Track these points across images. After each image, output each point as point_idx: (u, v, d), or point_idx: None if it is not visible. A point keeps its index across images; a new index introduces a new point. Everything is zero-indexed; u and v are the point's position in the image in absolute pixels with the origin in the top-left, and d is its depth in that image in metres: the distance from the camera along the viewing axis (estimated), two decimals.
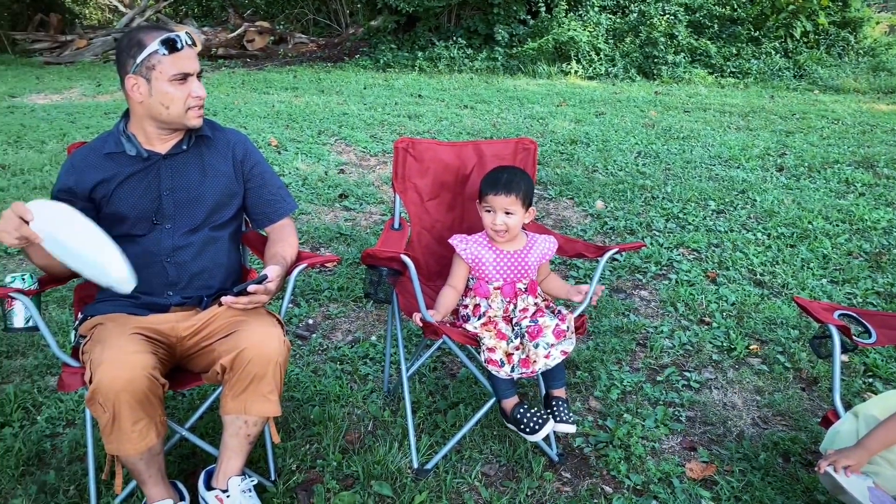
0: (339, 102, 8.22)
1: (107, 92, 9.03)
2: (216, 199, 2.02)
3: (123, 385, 1.62)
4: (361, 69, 11.35)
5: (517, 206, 2.10)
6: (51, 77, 10.58)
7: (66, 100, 8.51)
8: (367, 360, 2.79)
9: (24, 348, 2.81)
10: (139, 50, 1.81)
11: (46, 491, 2.05)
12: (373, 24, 12.57)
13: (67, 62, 12.70)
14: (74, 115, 7.29)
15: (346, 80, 10.06)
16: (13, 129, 6.47)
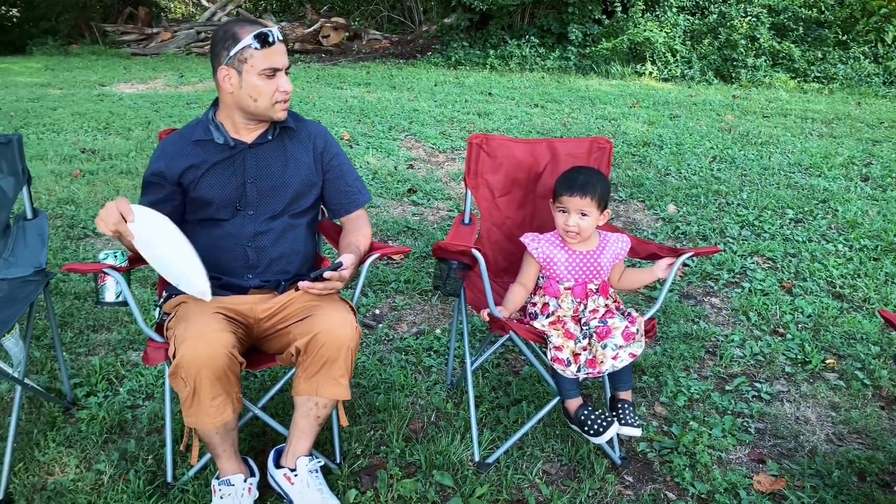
0: (410, 99, 8.30)
1: (188, 83, 9.38)
2: (296, 189, 2.08)
3: (205, 361, 1.70)
4: (433, 66, 11.43)
5: (592, 208, 2.09)
6: (137, 67, 11.07)
7: (150, 89, 8.88)
8: (432, 353, 2.83)
9: (109, 323, 2.96)
10: (233, 43, 1.88)
11: (127, 458, 2.16)
12: (446, 22, 12.64)
13: (153, 54, 13.26)
14: (158, 104, 7.61)
15: (418, 77, 10.15)
16: (102, 117, 6.80)
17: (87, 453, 2.18)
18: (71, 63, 11.62)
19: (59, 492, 2.02)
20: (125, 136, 6.06)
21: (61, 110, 7.08)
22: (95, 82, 9.26)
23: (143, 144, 5.75)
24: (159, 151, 2.05)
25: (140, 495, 2.00)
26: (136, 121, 6.63)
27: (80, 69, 10.72)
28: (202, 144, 2.02)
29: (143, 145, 5.72)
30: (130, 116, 6.83)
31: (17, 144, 2.19)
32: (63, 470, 2.11)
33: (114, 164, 5.16)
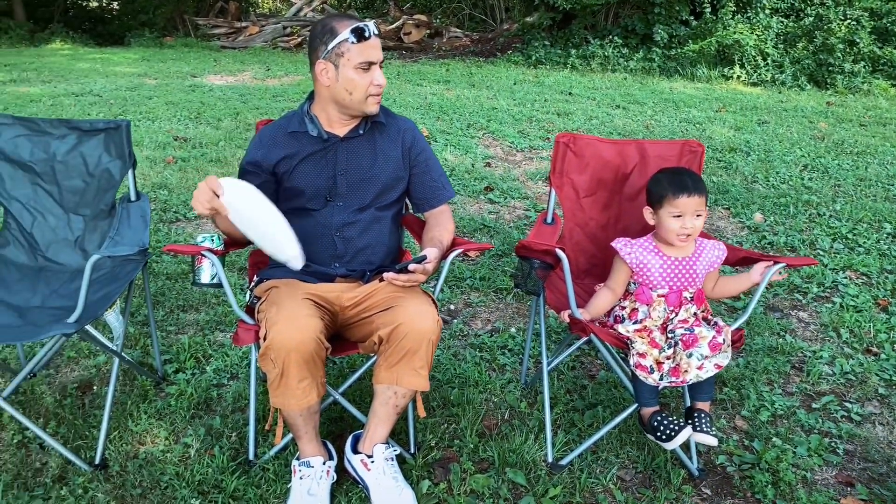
0: (489, 97, 8.30)
1: (275, 76, 9.67)
2: (384, 182, 2.12)
3: (294, 345, 1.75)
4: (512, 65, 11.39)
5: (704, 208, 2.04)
6: (226, 60, 11.48)
7: (238, 82, 9.20)
8: (506, 351, 2.83)
9: (198, 304, 3.09)
10: (331, 37, 1.93)
11: (212, 434, 2.25)
12: (528, 21, 12.57)
13: (241, 47, 13.73)
14: (246, 96, 7.88)
15: (497, 76, 10.14)
16: (194, 106, 7.09)
17: (176, 427, 2.29)
18: (165, 54, 12.16)
19: (149, 461, 2.13)
20: (215, 126, 6.30)
21: (156, 99, 7.42)
22: (188, 73, 9.66)
23: (231, 134, 5.97)
24: (256, 141, 2.13)
25: (224, 470, 2.08)
26: (226, 111, 6.89)
27: (174, 60, 11.20)
28: (297, 136, 2.08)
29: (231, 135, 5.94)
30: (220, 107, 7.10)
31: (126, 130, 2.31)
32: (153, 441, 2.22)
33: (204, 153, 5.37)
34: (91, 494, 1.99)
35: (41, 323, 2.06)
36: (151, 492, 2.01)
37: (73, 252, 2.41)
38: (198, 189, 1.80)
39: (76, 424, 2.28)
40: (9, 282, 2.30)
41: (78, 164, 2.36)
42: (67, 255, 2.41)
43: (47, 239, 2.40)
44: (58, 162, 2.36)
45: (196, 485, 2.03)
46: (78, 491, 1.99)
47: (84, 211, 2.40)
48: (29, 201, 2.39)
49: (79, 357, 2.67)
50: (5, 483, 2.01)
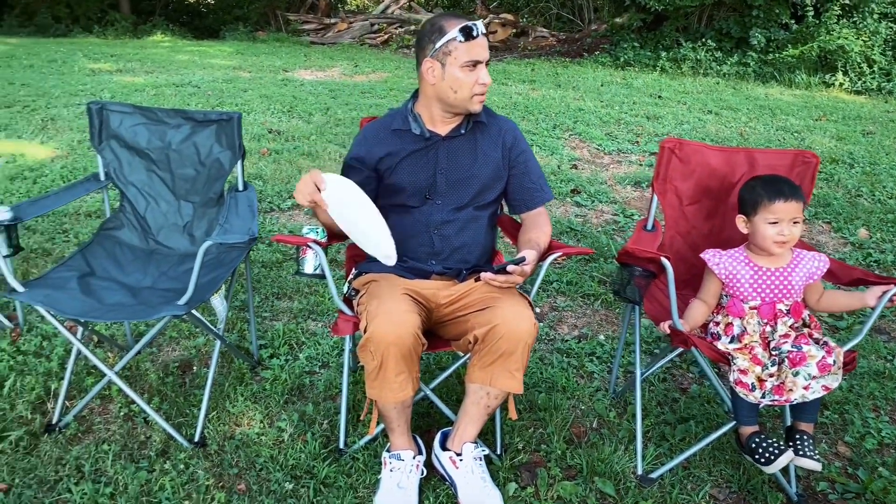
0: (576, 98, 8.20)
1: (362, 73, 9.84)
2: (483, 182, 2.12)
3: (394, 339, 1.78)
4: (599, 66, 11.20)
5: (801, 214, 1.96)
6: (316, 55, 11.77)
7: (328, 77, 9.41)
8: (594, 358, 2.78)
9: (291, 293, 3.18)
10: (439, 36, 1.94)
11: (305, 420, 2.32)
12: (617, 21, 12.34)
13: (329, 43, 14.05)
14: (335, 91, 8.05)
15: (584, 76, 10.00)
16: (286, 100, 7.30)
17: (270, 411, 2.36)
18: (258, 48, 12.56)
19: (245, 442, 2.20)
20: (306, 120, 6.46)
21: (250, 92, 7.68)
22: (280, 67, 9.95)
23: (322, 129, 6.11)
24: (360, 137, 2.16)
25: (316, 456, 2.14)
26: (316, 106, 7.06)
27: (266, 55, 11.56)
28: (400, 134, 2.11)
29: (322, 130, 6.08)
30: (311, 101, 7.28)
31: (237, 122, 2.40)
32: (249, 423, 2.30)
33: (296, 146, 5.53)
34: (191, 470, 2.07)
35: (153, 303, 2.16)
36: (247, 472, 2.08)
37: (182, 237, 2.53)
38: (301, 181, 1.85)
39: (177, 402, 2.39)
40: (122, 262, 2.42)
41: (191, 153, 2.47)
42: (176, 240, 2.52)
43: (159, 223, 2.53)
44: (172, 150, 2.47)
45: (289, 469, 2.09)
46: (180, 466, 2.09)
47: (194, 198, 2.51)
48: (144, 187, 2.51)
49: (179, 337, 2.80)
50: (114, 453, 2.12)
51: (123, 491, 1.99)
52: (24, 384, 2.41)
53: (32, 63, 9.15)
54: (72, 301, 2.10)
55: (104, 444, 2.17)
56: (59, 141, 5.35)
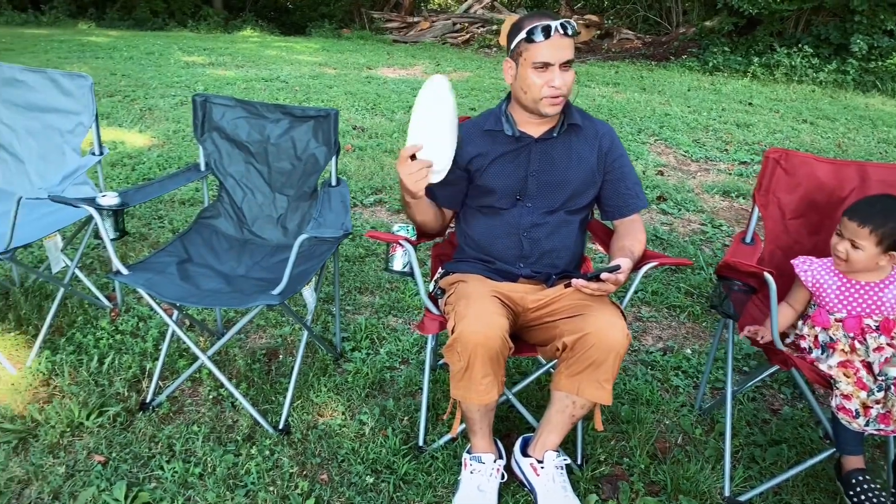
0: (661, 102, 7.99)
1: (444, 72, 9.88)
2: (576, 186, 2.08)
3: (482, 340, 1.76)
4: (686, 70, 10.89)
5: (867, 242, 1.85)
6: (399, 53, 11.90)
7: (410, 75, 9.50)
8: (679, 372, 2.70)
9: (373, 288, 3.22)
10: (515, 34, 1.93)
11: (386, 415, 2.34)
12: (707, 25, 11.97)
13: (411, 41, 14.18)
14: (417, 90, 8.08)
15: (670, 81, 9.74)
16: (370, 97, 7.41)
17: (352, 403, 2.40)
18: (343, 46, 12.80)
19: (327, 433, 2.24)
20: (389, 118, 6.54)
21: (336, 89, 7.83)
22: (363, 65, 10.11)
23: (404, 127, 6.17)
24: None
25: (396, 452, 2.15)
26: (399, 104, 7.13)
27: (350, 52, 11.77)
28: (492, 134, 2.09)
29: (404, 127, 6.14)
30: (394, 99, 7.37)
31: (334, 119, 2.44)
32: (332, 414, 2.34)
33: (379, 143, 5.60)
34: (276, 457, 2.12)
35: (247, 291, 2.22)
36: (329, 463, 2.12)
37: (275, 228, 2.59)
38: (405, 168, 1.86)
39: (264, 389, 2.45)
40: (218, 251, 2.50)
41: (288, 147, 2.52)
42: (270, 231, 2.59)
43: (254, 214, 2.60)
44: (270, 144, 2.54)
45: (370, 463, 2.12)
46: (265, 452, 2.14)
47: (288, 191, 2.57)
48: (241, 178, 2.59)
49: (266, 325, 2.87)
50: (203, 434, 2.20)
51: (212, 472, 2.05)
52: (122, 362, 2.53)
53: (132, 55, 9.60)
54: (171, 286, 2.18)
55: (194, 425, 2.24)
56: (156, 130, 5.59)
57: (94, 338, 2.65)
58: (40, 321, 2.73)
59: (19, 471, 2.01)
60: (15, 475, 2.00)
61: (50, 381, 2.41)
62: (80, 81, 2.62)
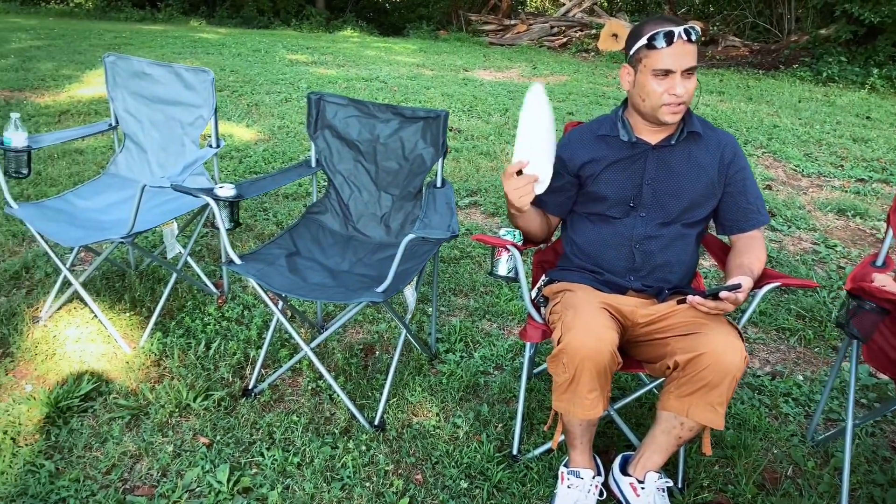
0: (770, 113, 7.63)
1: (540, 75, 9.81)
2: (694, 197, 2.00)
3: (590, 353, 1.71)
4: (797, 80, 10.36)
5: None
6: (495, 56, 11.89)
7: (506, 78, 9.47)
8: (790, 399, 2.55)
9: (467, 290, 3.21)
10: (635, 40, 1.86)
11: (480, 420, 2.32)
12: (821, 33, 11.35)
13: (508, 44, 14.15)
14: (514, 93, 8.07)
15: (779, 91, 9.29)
16: (466, 99, 7.43)
17: (446, 405, 2.39)
18: (440, 47, 12.92)
19: (422, 433, 2.24)
20: (485, 120, 6.54)
21: (433, 90, 7.90)
22: (460, 67, 10.16)
23: (500, 129, 6.15)
24: (564, 141, 2.12)
25: (490, 459, 2.13)
26: (495, 106, 7.12)
27: (447, 54, 11.86)
28: (606, 140, 2.04)
29: (500, 130, 6.12)
30: (490, 102, 7.36)
31: (443, 120, 2.45)
32: (426, 414, 2.34)
33: (475, 145, 5.60)
34: (372, 453, 2.14)
35: (352, 287, 2.26)
36: (423, 463, 2.12)
37: (379, 227, 2.62)
38: (511, 182, 1.84)
39: (361, 384, 2.48)
40: (324, 245, 2.55)
41: (396, 147, 2.55)
42: (373, 229, 2.62)
43: (359, 211, 2.64)
44: (380, 143, 2.57)
45: (464, 467, 2.10)
46: (361, 447, 2.16)
47: (393, 191, 2.60)
48: (350, 176, 2.63)
49: (364, 321, 2.91)
50: (302, 425, 2.24)
51: (309, 463, 2.09)
52: (227, 348, 2.62)
53: (240, 52, 10.01)
54: (280, 277, 2.24)
55: (293, 414, 2.30)
56: (262, 125, 5.80)
57: (202, 323, 2.76)
58: (152, 303, 2.86)
59: (132, 446, 2.12)
60: (128, 450, 2.10)
61: (160, 361, 2.53)
62: (202, 76, 2.74)
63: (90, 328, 2.69)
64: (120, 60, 2.91)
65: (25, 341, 2.58)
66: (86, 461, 2.05)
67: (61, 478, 1.98)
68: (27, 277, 3.05)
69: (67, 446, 2.10)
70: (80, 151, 4.71)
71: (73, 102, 6.03)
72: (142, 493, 1.95)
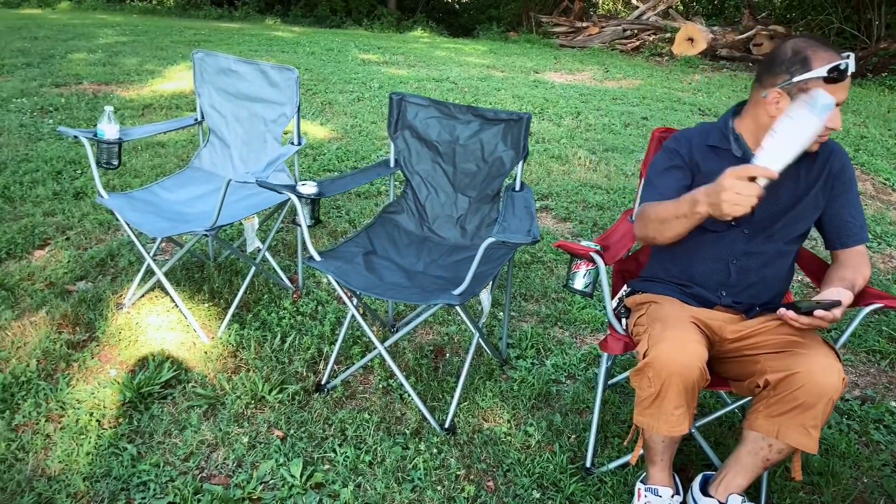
0: (856, 123, 7.28)
1: (612, 79, 9.63)
2: (798, 211, 1.89)
3: (679, 369, 1.65)
4: (886, 89, 9.86)
5: None
6: (566, 58, 11.74)
7: (577, 81, 9.33)
8: (881, 427, 2.41)
9: (538, 296, 3.17)
10: (801, 69, 1.70)
11: (552, 430, 2.28)
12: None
13: (578, 46, 13.96)
14: (586, 96, 7.95)
15: (866, 99, 8.86)
16: (537, 102, 7.36)
17: (518, 413, 2.36)
18: (509, 49, 12.85)
19: (493, 439, 2.21)
20: (557, 123, 6.46)
21: (503, 91, 7.85)
22: (530, 69, 10.08)
23: (572, 133, 6.06)
24: (672, 143, 1.98)
25: (563, 470, 2.08)
26: (567, 109, 7.02)
27: (517, 55, 11.77)
28: (717, 152, 1.92)
29: (572, 133, 6.03)
30: (561, 104, 7.27)
31: (525, 123, 2.41)
32: (497, 420, 2.31)
33: (546, 148, 5.53)
34: (444, 456, 2.13)
35: (427, 288, 2.25)
36: (495, 470, 2.09)
37: (454, 228, 2.61)
38: (734, 187, 1.58)
39: (431, 386, 2.48)
40: (399, 245, 2.56)
41: (476, 149, 2.53)
42: (448, 230, 2.61)
43: (435, 212, 2.63)
44: (459, 145, 2.55)
45: (536, 477, 2.06)
46: (433, 449, 2.15)
47: (471, 193, 2.58)
48: (427, 177, 2.63)
49: (434, 322, 2.90)
50: (374, 423, 2.25)
51: (381, 462, 2.09)
52: (302, 343, 2.65)
53: (313, 51, 10.18)
54: (357, 275, 2.25)
55: (365, 412, 2.30)
56: (335, 124, 5.87)
57: (278, 317, 2.80)
58: (230, 295, 2.93)
59: (209, 435, 2.16)
60: (205, 438, 2.15)
61: (237, 353, 2.58)
62: (287, 74, 2.78)
63: (170, 317, 2.77)
64: (208, 57, 2.99)
65: (110, 327, 2.67)
66: (165, 447, 2.11)
67: (142, 462, 2.03)
68: (112, 265, 3.17)
69: (148, 431, 2.16)
70: (162, 144, 4.88)
71: (156, 97, 6.25)
72: (218, 483, 1.99)
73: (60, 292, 2.87)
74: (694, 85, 9.22)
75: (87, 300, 2.82)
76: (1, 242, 3.23)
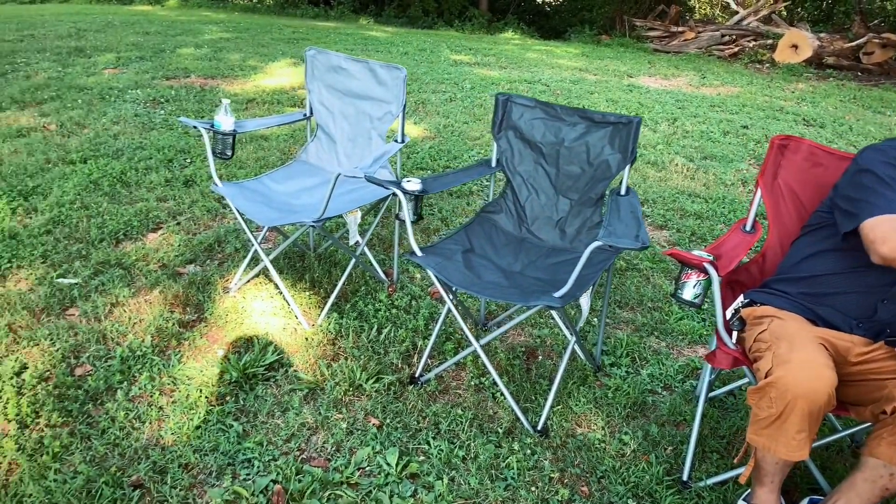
0: None
1: (710, 85, 9.33)
2: None
3: (805, 392, 1.58)
4: None
5: None
6: (661, 63, 11.47)
7: (672, 86, 9.09)
8: None
9: (634, 304, 3.11)
10: None
11: (648, 440, 2.23)
12: None
13: (674, 52, 13.59)
14: (682, 102, 7.74)
15: None
16: (632, 106, 7.22)
17: (612, 420, 2.32)
18: (602, 52, 12.65)
19: (586, 444, 2.19)
20: (652, 129, 6.32)
21: (597, 95, 7.74)
22: (624, 73, 9.89)
23: (669, 139, 5.91)
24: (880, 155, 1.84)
25: (659, 482, 2.04)
26: (663, 115, 6.86)
27: (610, 59, 11.58)
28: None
29: (669, 140, 5.89)
30: (657, 110, 7.10)
31: (635, 127, 2.38)
32: (590, 426, 2.29)
33: (642, 154, 5.42)
34: (537, 457, 2.12)
35: (526, 289, 2.25)
36: (589, 476, 2.07)
37: (553, 230, 2.60)
38: None
39: (524, 387, 2.47)
40: (497, 245, 2.57)
41: (581, 151, 2.51)
42: (548, 233, 2.60)
43: (535, 214, 2.63)
44: (564, 147, 2.54)
45: (631, 486, 2.03)
46: (526, 450, 2.15)
47: (573, 195, 2.56)
48: (529, 178, 2.63)
49: (526, 324, 2.90)
50: (467, 419, 2.27)
51: (474, 458, 2.11)
52: (397, 335, 2.70)
53: (407, 51, 10.34)
54: (457, 272, 2.27)
55: (458, 408, 2.33)
56: (429, 123, 5.95)
57: (374, 308, 2.86)
58: (329, 285, 3.02)
59: (310, 418, 2.23)
60: (306, 421, 2.22)
61: (336, 341, 2.65)
62: (395, 73, 2.84)
63: (274, 303, 2.88)
64: (319, 55, 3.09)
65: (217, 309, 2.80)
66: (268, 427, 2.19)
67: (247, 440, 2.13)
68: (219, 250, 3.32)
69: (253, 411, 2.25)
70: (266, 138, 5.07)
71: (258, 91, 6.49)
72: (317, 465, 2.05)
73: (172, 274, 3.04)
74: (797, 94, 8.82)
75: (197, 282, 2.97)
76: (119, 224, 3.44)
